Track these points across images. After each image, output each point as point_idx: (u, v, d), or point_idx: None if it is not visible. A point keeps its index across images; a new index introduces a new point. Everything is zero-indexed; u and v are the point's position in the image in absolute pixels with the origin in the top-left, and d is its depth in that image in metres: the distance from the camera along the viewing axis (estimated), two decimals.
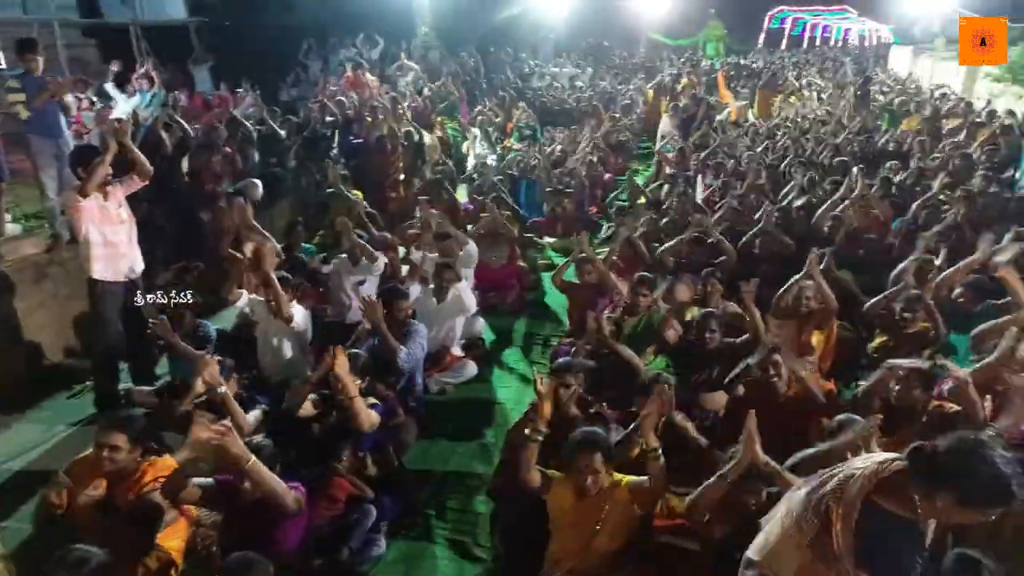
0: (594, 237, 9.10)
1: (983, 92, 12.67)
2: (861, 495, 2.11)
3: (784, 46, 36.74)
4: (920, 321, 4.69)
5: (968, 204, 6.88)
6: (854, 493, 2.11)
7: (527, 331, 6.34)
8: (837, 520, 2.11)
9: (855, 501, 2.10)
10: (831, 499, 2.15)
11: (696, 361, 4.37)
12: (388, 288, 5.05)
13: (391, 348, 4.43)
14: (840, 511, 2.12)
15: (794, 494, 2.34)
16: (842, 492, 2.14)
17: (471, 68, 16.48)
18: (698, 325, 4.40)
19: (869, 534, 2.11)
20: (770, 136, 11.57)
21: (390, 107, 11.19)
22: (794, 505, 2.28)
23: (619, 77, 21.02)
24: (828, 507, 2.14)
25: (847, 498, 2.12)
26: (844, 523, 2.10)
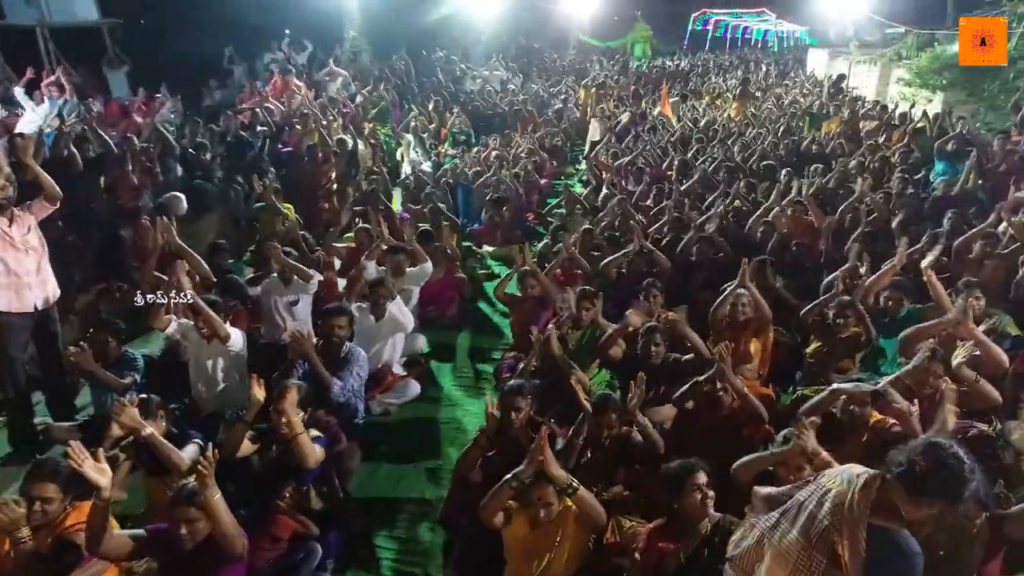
0: (533, 245, 9.12)
1: (895, 95, 13.28)
2: (863, 519, 2.20)
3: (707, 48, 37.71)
4: (851, 326, 4.85)
5: (888, 206, 7.21)
6: (855, 518, 2.20)
7: (470, 345, 6.26)
8: (844, 551, 2.19)
9: (858, 526, 2.20)
10: (833, 533, 2.22)
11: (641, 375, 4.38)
12: (327, 308, 4.85)
13: (324, 383, 4.27)
14: (846, 541, 2.20)
15: (778, 537, 2.38)
16: (841, 522, 2.22)
17: (402, 72, 16.27)
18: (642, 340, 4.42)
19: (871, 554, 2.21)
20: (700, 140, 11.82)
21: (320, 114, 10.94)
22: (788, 549, 2.32)
23: (550, 80, 21.14)
24: (832, 541, 2.21)
25: (850, 524, 2.21)
26: (852, 551, 2.19)
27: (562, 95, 17.88)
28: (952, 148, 9.28)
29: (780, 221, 6.80)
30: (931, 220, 7.48)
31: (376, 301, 5.13)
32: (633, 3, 35.16)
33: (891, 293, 5.07)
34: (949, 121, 10.49)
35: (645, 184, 8.61)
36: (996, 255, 5.96)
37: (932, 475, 2.15)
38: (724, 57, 29.98)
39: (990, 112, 11.09)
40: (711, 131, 12.49)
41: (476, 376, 5.74)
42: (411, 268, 5.94)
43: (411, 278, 5.92)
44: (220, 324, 4.45)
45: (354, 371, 4.44)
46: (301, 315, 5.61)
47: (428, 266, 5.92)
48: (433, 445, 4.79)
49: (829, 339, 4.90)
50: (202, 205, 7.81)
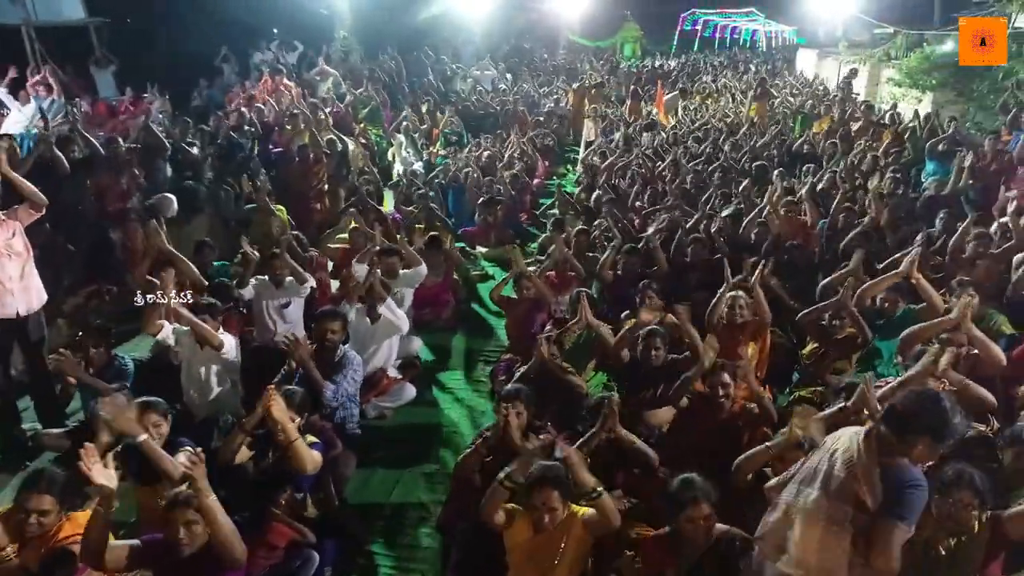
0: (527, 246, 9.09)
1: (885, 95, 13.34)
2: (874, 463, 2.49)
3: (696, 48, 37.84)
4: (847, 327, 4.85)
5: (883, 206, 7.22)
6: (867, 464, 2.49)
7: (465, 348, 6.22)
8: (866, 495, 2.46)
9: (871, 470, 2.48)
10: (852, 482, 2.50)
11: (640, 378, 4.36)
12: (321, 312, 4.79)
13: (316, 385, 4.22)
14: (865, 487, 2.47)
15: (803, 501, 2.63)
16: (855, 470, 2.50)
17: (392, 71, 16.18)
18: (643, 343, 4.38)
19: (887, 491, 2.48)
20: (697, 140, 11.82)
21: (311, 114, 10.85)
22: (816, 508, 2.57)
23: (540, 79, 21.11)
24: (853, 489, 2.49)
25: (863, 470, 2.48)
26: (871, 492, 2.46)
27: (553, 95, 17.85)
28: (943, 148, 9.33)
29: (773, 221, 6.79)
30: (923, 220, 7.52)
31: (372, 303, 5.07)
32: (623, 3, 35.24)
33: (887, 295, 5.07)
34: (939, 121, 10.53)
35: (639, 185, 8.56)
36: (989, 254, 5.97)
37: (913, 412, 2.48)
38: (714, 57, 30.06)
39: (979, 112, 11.16)
40: (703, 131, 12.52)
41: (472, 379, 5.71)
42: (404, 270, 5.89)
43: (404, 280, 5.87)
44: (213, 334, 4.39)
45: (348, 375, 4.39)
46: (292, 317, 5.55)
47: (422, 269, 5.87)
48: (429, 449, 4.75)
49: (825, 341, 4.89)
50: (192, 206, 7.72)
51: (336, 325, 4.65)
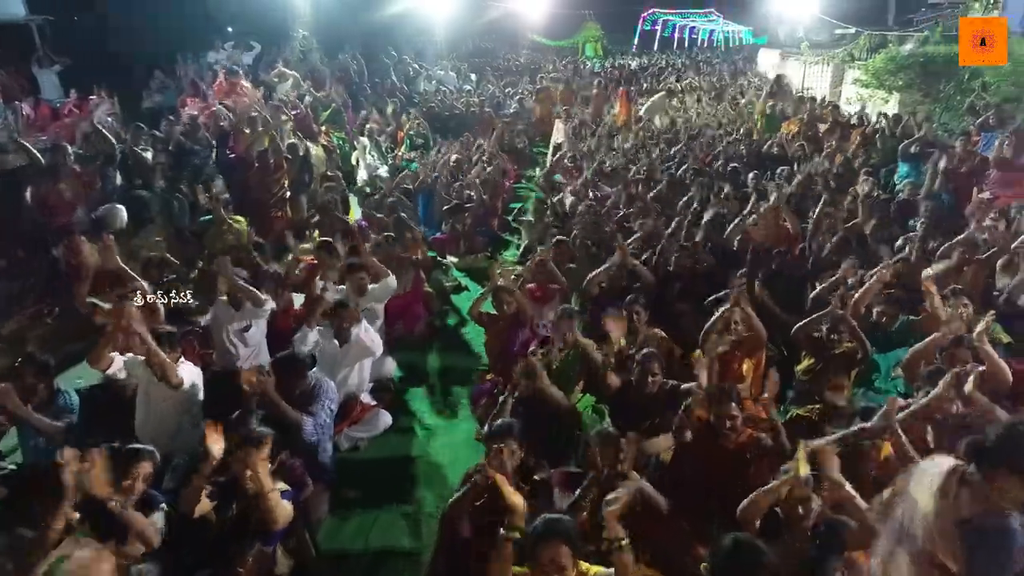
0: (499, 253, 8.78)
1: (852, 96, 13.35)
2: (948, 524, 2.18)
3: (656, 47, 38.09)
4: (845, 342, 4.65)
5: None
6: (942, 525, 2.19)
7: (440, 366, 5.88)
8: (947, 558, 2.16)
9: (948, 532, 2.18)
10: (928, 544, 2.21)
11: (635, 406, 4.08)
12: (283, 359, 4.29)
13: (293, 422, 3.82)
14: (941, 549, 2.18)
15: (896, 563, 2.31)
16: (931, 532, 2.21)
17: (354, 72, 15.68)
18: (639, 368, 4.09)
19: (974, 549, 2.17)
20: (662, 142, 11.64)
21: (271, 117, 10.36)
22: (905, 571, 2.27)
23: (504, 80, 20.83)
24: (931, 552, 2.20)
25: (940, 533, 2.19)
26: (952, 556, 2.17)
27: (518, 95, 17.57)
28: (916, 150, 9.28)
29: (756, 229, 6.60)
30: (898, 223, 7.42)
31: (340, 325, 4.70)
32: (583, 3, 35.19)
33: (885, 307, 4.91)
34: (914, 121, 10.50)
35: (619, 189, 8.31)
36: (975, 261, 5.87)
37: (1004, 443, 2.20)
38: (676, 58, 30.15)
39: (945, 113, 11.20)
40: (672, 133, 12.36)
41: (450, 401, 5.37)
42: (373, 285, 5.53)
43: (373, 295, 5.50)
44: (172, 369, 3.97)
45: (325, 405, 4.00)
46: (254, 341, 5.15)
47: (391, 281, 5.51)
48: (408, 486, 4.40)
49: (822, 355, 4.68)
50: (143, 217, 7.22)
51: (302, 374, 4.17)
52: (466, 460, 4.57)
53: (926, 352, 4.13)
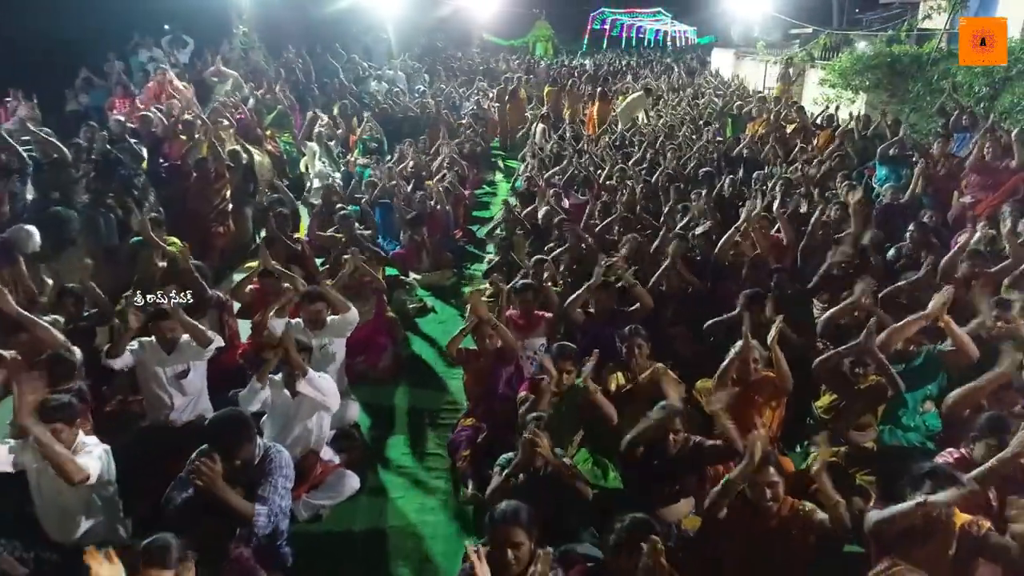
0: (466, 267, 8.11)
1: (818, 96, 13.12)
2: None
3: (605, 47, 38.05)
4: (870, 375, 4.15)
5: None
6: None
7: (410, 406, 5.16)
8: None
9: None
10: None
11: (652, 468, 3.47)
12: (224, 436, 3.32)
13: (242, 515, 3.07)
14: None
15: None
16: None
17: (299, 70, 14.73)
18: (658, 425, 3.46)
19: None
20: (627, 145, 11.15)
21: (210, 121, 9.46)
22: None
23: (458, 79, 20.11)
24: None
25: None
26: None
27: (475, 96, 16.89)
28: (894, 152, 9.00)
29: (750, 243, 6.10)
30: (881, 229, 7.04)
31: (291, 373, 3.96)
32: (534, 1, 34.76)
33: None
34: (885, 123, 10.25)
35: (591, 197, 7.73)
36: (984, 274, 5.48)
37: None
38: (628, 57, 29.89)
39: (914, 113, 11.00)
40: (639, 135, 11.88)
41: (424, 450, 4.66)
42: (332, 318, 4.81)
43: (333, 330, 4.78)
44: (74, 467, 3.15)
45: (278, 483, 3.25)
46: (192, 388, 4.39)
47: (352, 315, 4.79)
48: (378, 563, 3.70)
49: (846, 391, 4.16)
50: (63, 238, 6.30)
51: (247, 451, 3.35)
52: (447, 530, 3.91)
53: (974, 397, 3.65)
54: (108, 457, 3.51)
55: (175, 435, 4.27)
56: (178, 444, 3.94)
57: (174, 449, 3.93)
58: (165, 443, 4.17)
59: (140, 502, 3.83)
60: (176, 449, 3.86)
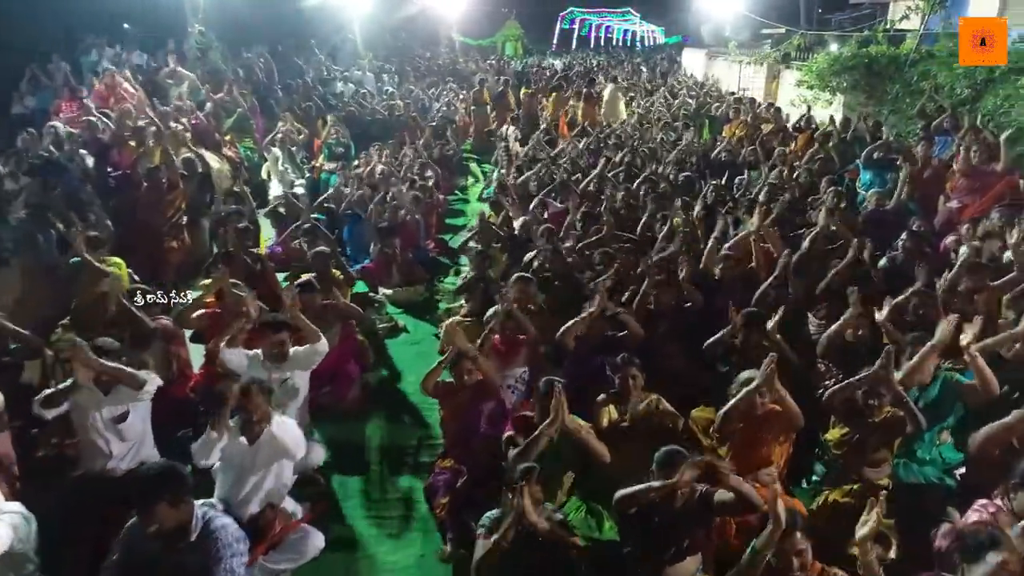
0: (439, 281, 7.67)
1: (795, 97, 12.92)
2: None
3: (574, 47, 37.96)
4: (885, 406, 3.81)
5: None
6: None
7: (381, 443, 4.70)
8: None
9: None
10: None
11: (657, 522, 3.07)
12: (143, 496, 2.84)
13: None
14: None
15: None
16: None
17: (260, 72, 14.11)
18: (661, 473, 3.04)
19: None
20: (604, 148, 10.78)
21: (163, 126, 8.89)
22: None
23: (426, 80, 19.61)
24: None
25: None
26: None
27: (444, 97, 16.42)
28: (878, 156, 8.77)
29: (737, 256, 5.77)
30: (868, 236, 6.76)
31: (249, 417, 3.49)
32: (503, 1, 34.40)
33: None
34: (865, 125, 10.04)
35: (571, 206, 7.32)
36: (987, 287, 5.20)
37: None
38: (598, 57, 29.69)
39: (892, 115, 10.82)
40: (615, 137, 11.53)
41: (399, 496, 4.20)
42: (297, 348, 4.34)
43: (297, 362, 4.31)
44: None
45: (232, 566, 2.76)
46: (132, 433, 3.87)
47: (323, 345, 4.32)
48: None
49: (860, 424, 3.82)
50: None
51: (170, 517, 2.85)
52: None
53: (1005, 435, 3.32)
54: (28, 525, 3.01)
55: (113, 487, 3.77)
56: (117, 497, 3.49)
57: (112, 503, 3.49)
58: (102, 497, 3.69)
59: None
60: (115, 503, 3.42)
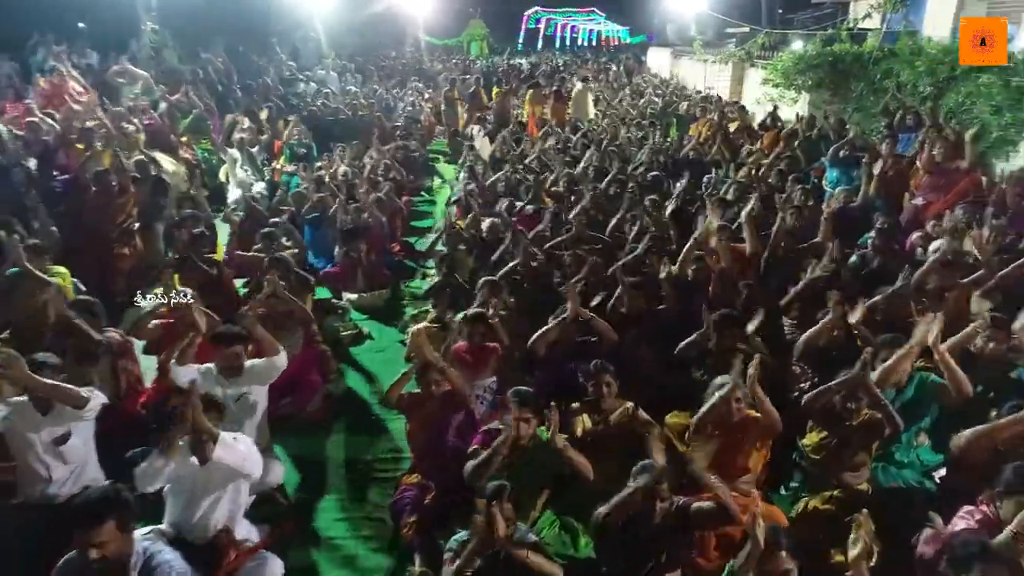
0: (406, 287, 7.45)
1: (760, 96, 12.96)
2: None
3: (540, 46, 37.98)
4: (863, 410, 3.72)
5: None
6: None
7: (345, 458, 4.47)
8: None
9: None
10: None
11: (635, 538, 2.93)
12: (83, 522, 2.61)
13: None
14: None
15: None
16: None
17: (214, 71, 13.69)
18: (642, 493, 2.91)
19: None
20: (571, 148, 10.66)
21: (115, 127, 8.53)
22: None
23: (391, 80, 19.32)
24: None
25: None
26: None
27: (410, 97, 16.17)
28: (844, 154, 8.79)
29: (716, 257, 5.67)
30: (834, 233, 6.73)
31: (199, 438, 3.26)
32: (469, 1, 34.21)
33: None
34: (828, 124, 10.09)
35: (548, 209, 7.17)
36: (957, 285, 5.18)
37: None
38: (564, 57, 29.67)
39: (856, 113, 10.88)
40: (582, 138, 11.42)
41: (363, 515, 3.98)
42: (254, 362, 4.10)
43: (254, 376, 4.08)
44: None
45: None
46: (75, 456, 3.62)
47: (282, 359, 4.09)
48: None
49: (838, 429, 3.72)
50: None
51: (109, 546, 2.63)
52: None
53: (995, 435, 3.24)
54: None
55: (54, 514, 3.52)
56: (58, 526, 3.25)
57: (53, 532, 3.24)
58: (42, 525, 3.43)
59: None
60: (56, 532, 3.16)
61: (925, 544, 3.22)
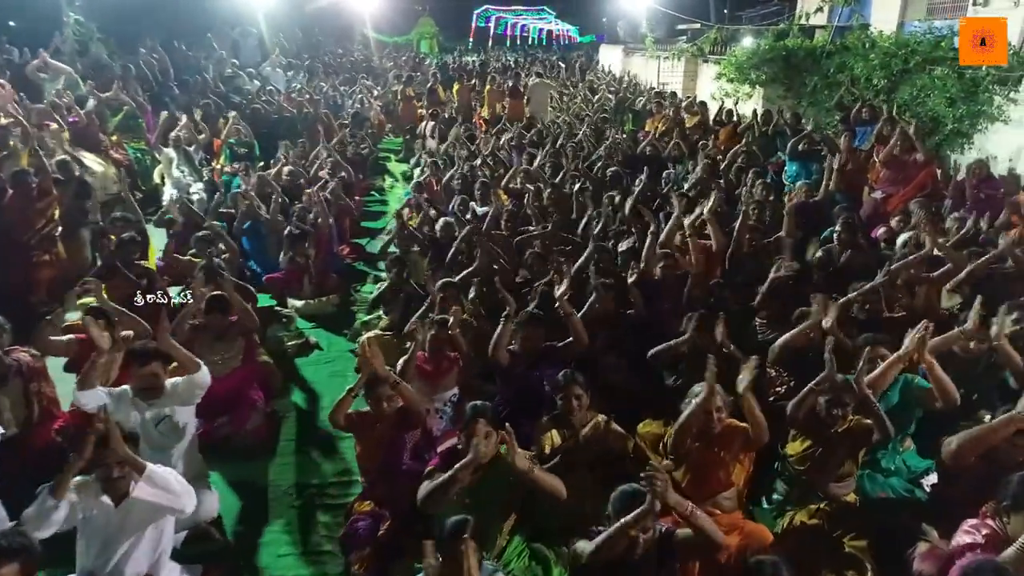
0: (357, 291, 7.03)
1: (715, 91, 12.89)
2: None
3: (491, 45, 37.75)
4: (849, 417, 3.48)
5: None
6: None
7: (290, 484, 4.06)
8: None
9: None
10: None
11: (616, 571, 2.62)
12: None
13: None
14: None
15: None
16: None
17: (155, 68, 12.96)
18: (634, 524, 2.58)
19: None
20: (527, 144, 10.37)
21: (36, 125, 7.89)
22: None
23: (339, 77, 18.73)
24: None
25: None
26: None
27: (358, 94, 15.66)
28: (803, 148, 8.71)
29: (685, 255, 5.43)
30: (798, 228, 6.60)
31: (108, 475, 2.82)
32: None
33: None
34: (784, 118, 10.03)
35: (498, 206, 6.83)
36: (927, 279, 5.05)
37: None
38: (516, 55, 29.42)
39: (811, 108, 10.86)
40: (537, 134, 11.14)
41: (309, 550, 3.58)
42: (175, 380, 3.66)
43: (176, 396, 3.63)
44: None
45: None
46: None
47: (203, 376, 3.65)
48: None
49: (823, 436, 3.48)
50: None
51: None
52: None
53: (986, 439, 3.03)
54: None
55: None
56: None
57: None
58: None
59: None
60: None
61: (922, 560, 3.01)
